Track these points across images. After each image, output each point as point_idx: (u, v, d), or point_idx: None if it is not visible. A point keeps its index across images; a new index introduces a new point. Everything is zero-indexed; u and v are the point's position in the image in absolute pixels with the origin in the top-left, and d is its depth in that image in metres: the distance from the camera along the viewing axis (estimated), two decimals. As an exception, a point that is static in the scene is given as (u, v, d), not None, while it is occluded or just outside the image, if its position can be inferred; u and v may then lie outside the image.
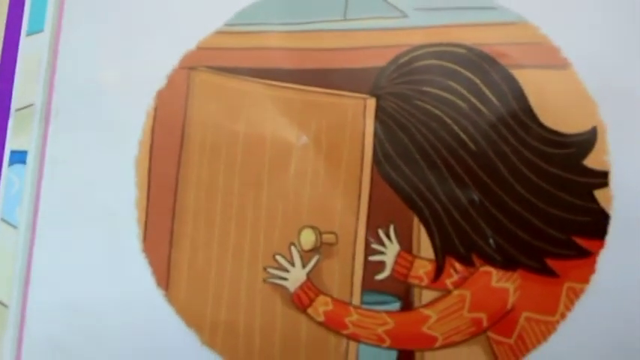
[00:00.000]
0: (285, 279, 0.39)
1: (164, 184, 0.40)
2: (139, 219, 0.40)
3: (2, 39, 0.43)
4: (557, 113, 0.38)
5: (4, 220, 0.41)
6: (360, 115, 0.39)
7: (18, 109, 0.42)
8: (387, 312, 0.39)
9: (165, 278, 0.40)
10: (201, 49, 0.41)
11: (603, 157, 0.37)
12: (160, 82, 0.41)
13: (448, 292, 0.38)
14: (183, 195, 0.40)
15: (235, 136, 0.40)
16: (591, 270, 0.37)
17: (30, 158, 0.42)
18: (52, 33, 0.42)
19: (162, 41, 0.41)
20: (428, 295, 0.38)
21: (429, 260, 0.39)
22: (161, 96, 0.41)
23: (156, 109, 0.41)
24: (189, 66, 0.41)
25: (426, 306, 0.38)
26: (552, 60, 0.38)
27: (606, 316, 0.37)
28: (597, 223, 0.37)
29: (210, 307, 0.40)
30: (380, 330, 0.38)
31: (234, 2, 0.41)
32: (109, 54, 0.41)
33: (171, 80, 0.41)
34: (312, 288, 0.39)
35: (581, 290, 0.37)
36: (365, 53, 0.39)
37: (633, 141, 0.36)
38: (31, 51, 0.43)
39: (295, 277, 0.40)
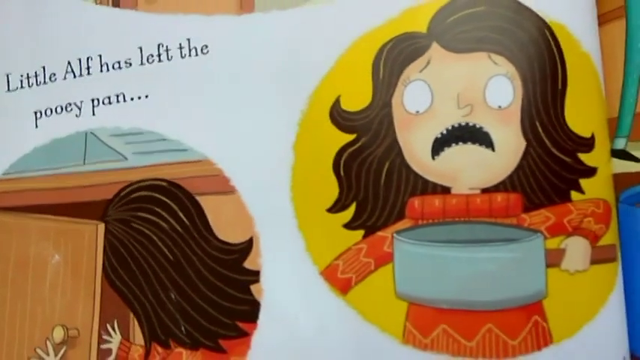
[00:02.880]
0: (42, 366, 0.44)
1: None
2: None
3: None
4: (227, 228, 0.44)
5: None
6: (94, 237, 0.46)
7: None
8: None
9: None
10: None
11: (257, 259, 0.44)
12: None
13: (154, 369, 0.42)
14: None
15: (7, 259, 0.47)
16: (248, 347, 0.43)
17: None
18: None
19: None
20: (142, 372, 0.42)
21: (141, 345, 0.46)
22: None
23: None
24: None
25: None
26: (224, 187, 0.44)
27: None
28: (252, 311, 0.44)
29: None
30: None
31: (9, 156, 0.49)
32: None
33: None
34: (60, 371, 0.43)
35: (241, 363, 0.41)
36: (98, 189, 0.46)
37: (276, 249, 0.44)
38: None
39: (49, 364, 0.44)
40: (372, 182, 0.44)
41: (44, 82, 0.49)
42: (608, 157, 0.43)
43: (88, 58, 0.49)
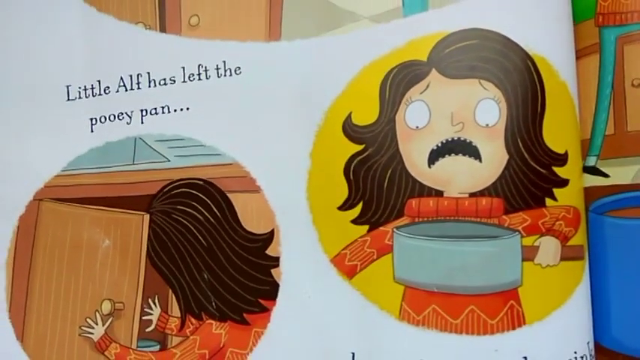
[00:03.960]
0: (91, 333, 0.52)
1: (22, 275, 0.53)
2: (6, 293, 0.53)
3: None
4: (252, 220, 0.48)
5: None
6: (140, 226, 0.50)
7: None
8: (152, 352, 0.48)
9: (21, 334, 0.51)
10: (46, 187, 0.51)
11: (277, 247, 0.48)
12: (22, 210, 0.53)
13: (187, 337, 0.48)
14: (33, 282, 0.52)
15: (64, 242, 0.52)
16: (268, 320, 0.47)
17: None
18: None
19: (20, 183, 0.54)
20: (176, 340, 0.48)
21: (177, 317, 0.48)
22: (22, 219, 0.51)
23: (18, 227, 0.51)
24: (39, 198, 0.51)
25: (174, 347, 0.48)
26: (251, 187, 0.48)
27: (279, 349, 0.48)
28: (272, 290, 0.47)
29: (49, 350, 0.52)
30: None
31: (67, 156, 0.52)
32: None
33: (28, 208, 0.53)
34: (106, 338, 0.50)
35: (262, 333, 0.47)
36: (144, 185, 0.50)
37: (293, 239, 0.49)
38: None
39: (98, 332, 0.51)
40: (376, 185, 0.48)
41: (99, 94, 0.51)
42: (580, 171, 0.47)
43: (138, 75, 0.52)
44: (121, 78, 0.53)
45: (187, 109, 0.52)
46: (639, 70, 0.44)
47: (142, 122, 0.52)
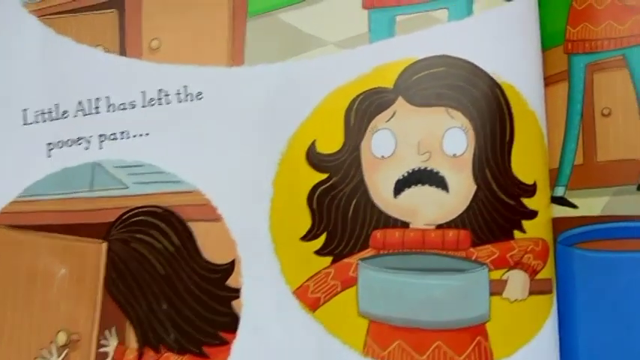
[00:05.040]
0: (46, 365, 0.46)
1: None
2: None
3: None
4: (213, 250, 0.47)
5: None
6: (97, 254, 0.48)
7: None
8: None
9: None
10: (2, 213, 0.51)
11: (238, 278, 0.46)
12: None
13: (145, 369, 0.44)
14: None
15: (19, 271, 0.50)
16: (228, 353, 0.46)
17: None
18: None
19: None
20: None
21: (135, 349, 0.48)
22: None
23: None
24: (-6, 226, 0.46)
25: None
26: (211, 215, 0.46)
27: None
28: (232, 322, 0.46)
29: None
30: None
31: (24, 181, 0.51)
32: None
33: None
34: (61, 370, 0.45)
35: (222, 367, 0.42)
36: (102, 213, 0.49)
37: (255, 270, 0.47)
38: None
39: (52, 363, 0.45)
40: (340, 216, 0.46)
41: (57, 118, 0.51)
42: (548, 202, 0.46)
43: (97, 99, 0.51)
44: (80, 102, 0.52)
45: (147, 134, 0.50)
46: (609, 98, 0.46)
47: (101, 147, 0.51)
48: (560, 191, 0.47)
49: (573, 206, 0.47)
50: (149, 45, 0.53)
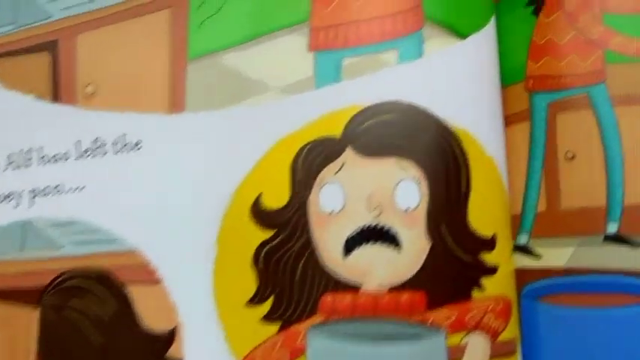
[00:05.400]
0: None
1: None
2: None
3: None
4: (152, 317, 0.45)
5: None
6: (29, 322, 0.47)
7: None
8: None
9: None
10: None
11: (180, 347, 0.44)
12: None
13: None
14: None
15: None
16: None
17: None
18: None
19: None
20: None
21: None
22: None
23: None
24: None
25: None
26: (151, 278, 0.45)
27: None
28: None
29: None
30: None
31: None
32: None
33: None
34: None
35: None
36: (34, 277, 0.47)
37: (197, 338, 0.45)
38: None
39: None
40: (288, 278, 0.45)
41: None
42: (510, 255, 0.44)
43: (28, 150, 0.49)
44: (9, 155, 0.50)
45: (83, 188, 0.49)
46: (573, 141, 0.45)
47: (32, 204, 0.49)
48: (523, 239, 0.47)
49: (537, 256, 0.46)
50: (84, 91, 0.50)
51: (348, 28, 0.45)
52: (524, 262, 0.46)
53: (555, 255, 0.46)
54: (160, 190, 0.48)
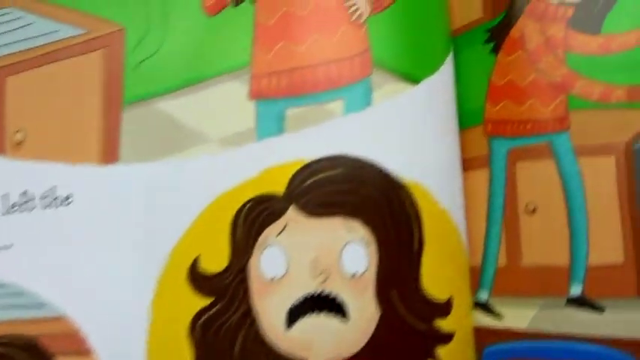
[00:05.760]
0: None
1: None
2: None
3: None
4: None
5: None
6: None
7: None
8: None
9: None
10: None
11: None
12: None
13: None
14: None
15: None
16: None
17: None
18: None
19: None
20: None
21: None
22: None
23: None
24: None
25: None
26: (80, 348, 0.41)
27: None
28: None
29: None
30: None
31: None
32: None
33: None
34: None
35: None
36: None
37: None
38: None
39: None
40: (227, 352, 0.41)
41: None
42: (468, 315, 0.42)
43: None
44: None
45: (10, 246, 0.45)
46: (534, 193, 0.42)
47: None
48: (484, 295, 0.44)
49: (498, 315, 0.44)
50: (13, 138, 0.46)
51: (292, 75, 0.42)
52: (485, 320, 0.43)
53: (517, 316, 0.43)
54: (91, 249, 0.44)
